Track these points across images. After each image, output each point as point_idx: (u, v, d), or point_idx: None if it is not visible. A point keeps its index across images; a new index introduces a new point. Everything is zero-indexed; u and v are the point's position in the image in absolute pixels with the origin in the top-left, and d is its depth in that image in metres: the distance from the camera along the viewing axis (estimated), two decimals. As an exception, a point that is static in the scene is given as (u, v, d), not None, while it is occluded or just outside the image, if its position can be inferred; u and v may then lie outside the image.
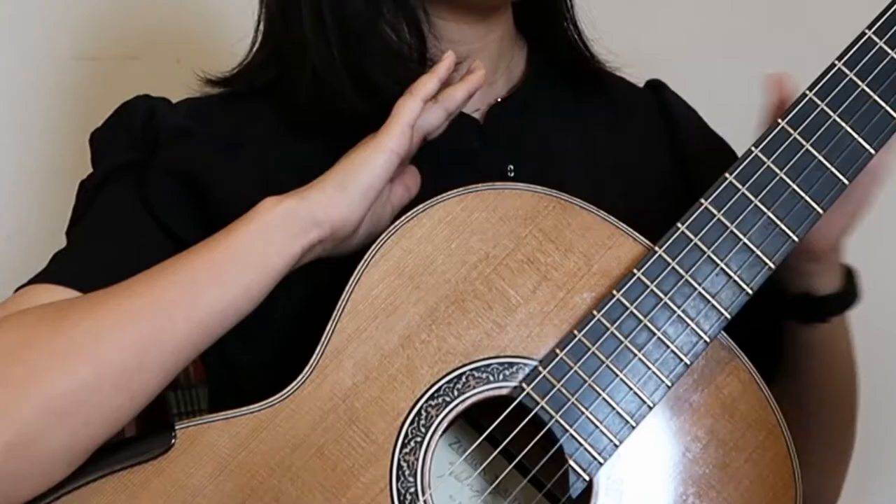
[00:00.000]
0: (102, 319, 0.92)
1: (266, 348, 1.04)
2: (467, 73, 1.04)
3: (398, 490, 0.93)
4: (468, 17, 1.09)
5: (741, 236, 0.95)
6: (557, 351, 0.94)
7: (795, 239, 0.95)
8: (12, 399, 0.89)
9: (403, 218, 0.97)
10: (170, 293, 0.94)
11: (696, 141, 1.20)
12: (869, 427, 1.19)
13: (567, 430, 0.93)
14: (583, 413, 0.93)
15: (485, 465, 0.98)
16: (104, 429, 0.92)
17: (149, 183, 1.06)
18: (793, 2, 1.74)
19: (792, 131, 0.96)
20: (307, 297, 1.01)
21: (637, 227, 1.00)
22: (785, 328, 1.08)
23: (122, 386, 0.91)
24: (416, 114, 0.99)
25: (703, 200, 0.96)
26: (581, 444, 0.93)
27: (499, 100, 1.14)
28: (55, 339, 0.91)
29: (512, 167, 1.11)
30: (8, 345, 0.91)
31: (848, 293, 1.07)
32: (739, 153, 1.00)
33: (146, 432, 1.00)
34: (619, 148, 1.04)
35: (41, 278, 1.01)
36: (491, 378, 0.95)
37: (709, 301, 0.95)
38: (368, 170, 0.97)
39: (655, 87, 1.23)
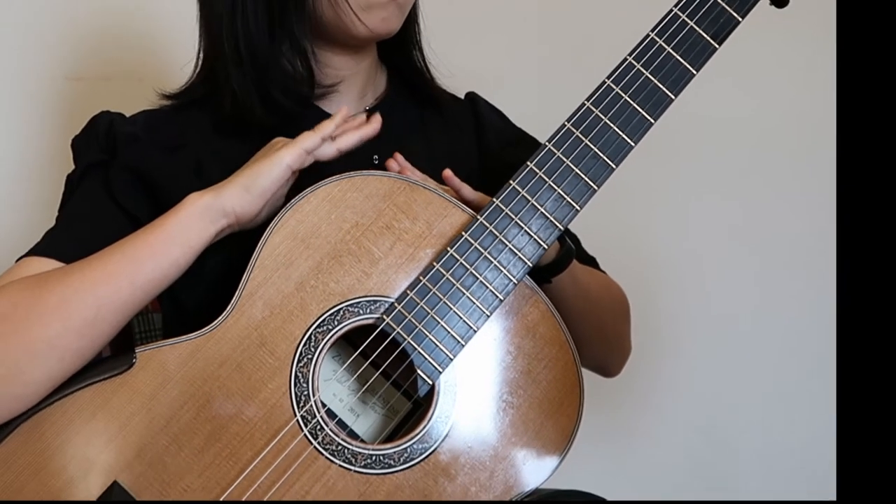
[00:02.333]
0: (68, 286, 1.11)
1: (202, 292, 1.21)
2: (369, 121, 1.22)
3: (295, 394, 1.13)
4: (343, 51, 1.32)
5: (539, 207, 1.16)
6: (408, 291, 1.15)
7: (578, 209, 1.16)
8: (3, 346, 1.09)
9: (297, 197, 1.15)
10: (118, 266, 1.12)
11: (495, 139, 1.39)
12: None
13: (416, 349, 1.14)
14: (426, 336, 1.14)
15: (359, 371, 1.17)
16: (73, 364, 1.11)
17: (111, 178, 1.24)
18: (581, 36, 1.97)
19: (574, 130, 1.17)
20: (230, 255, 1.19)
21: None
22: None
23: (85, 334, 1.11)
24: (314, 145, 1.19)
25: (511, 182, 1.16)
26: (425, 359, 1.14)
27: (367, 108, 1.35)
28: (35, 303, 1.11)
29: (377, 157, 1.31)
30: (1, 308, 1.11)
31: (560, 262, 1.24)
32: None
33: (114, 354, 1.20)
34: (448, 148, 1.22)
35: (35, 251, 1.19)
36: (361, 311, 1.14)
37: (516, 254, 1.16)
38: (267, 176, 1.16)
39: (472, 98, 1.44)
